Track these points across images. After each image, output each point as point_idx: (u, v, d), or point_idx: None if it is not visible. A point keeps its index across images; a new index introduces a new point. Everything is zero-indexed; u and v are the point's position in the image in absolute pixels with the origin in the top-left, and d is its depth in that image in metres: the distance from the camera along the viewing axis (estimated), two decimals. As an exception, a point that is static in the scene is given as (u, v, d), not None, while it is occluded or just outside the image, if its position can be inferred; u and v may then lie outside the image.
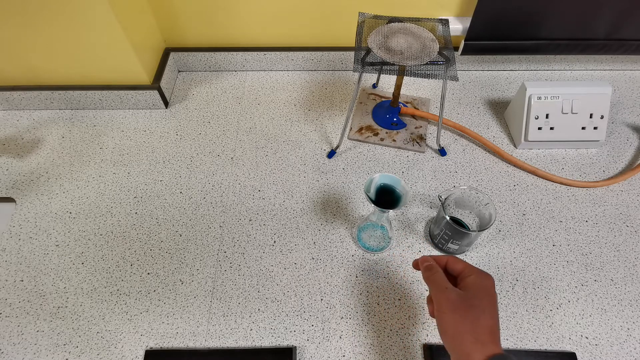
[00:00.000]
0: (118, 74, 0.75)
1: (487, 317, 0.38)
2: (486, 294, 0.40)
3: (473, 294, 0.40)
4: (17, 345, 0.53)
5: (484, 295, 0.40)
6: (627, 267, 0.60)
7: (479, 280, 0.41)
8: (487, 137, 0.74)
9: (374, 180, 0.52)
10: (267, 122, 0.77)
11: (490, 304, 0.40)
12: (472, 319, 0.38)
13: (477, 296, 0.40)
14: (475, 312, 0.39)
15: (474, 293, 0.40)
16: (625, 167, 0.71)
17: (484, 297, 0.40)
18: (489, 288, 0.41)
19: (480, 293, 0.40)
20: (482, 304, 0.39)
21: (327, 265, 0.60)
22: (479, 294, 0.40)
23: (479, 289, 0.40)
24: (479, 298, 0.40)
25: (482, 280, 0.41)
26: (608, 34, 0.76)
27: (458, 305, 0.39)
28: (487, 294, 0.40)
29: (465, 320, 0.38)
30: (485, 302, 0.39)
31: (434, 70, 0.59)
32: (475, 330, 0.38)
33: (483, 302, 0.39)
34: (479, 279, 0.41)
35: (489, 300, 0.40)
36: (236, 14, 0.77)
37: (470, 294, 0.40)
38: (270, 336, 0.54)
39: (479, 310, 0.39)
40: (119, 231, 0.63)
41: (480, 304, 0.39)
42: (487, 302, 0.39)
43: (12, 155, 0.73)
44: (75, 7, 0.64)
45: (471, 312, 0.39)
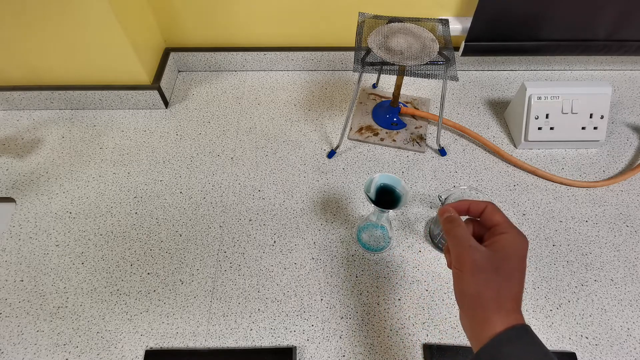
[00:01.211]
0: (118, 74, 0.75)
1: (514, 284, 0.35)
2: (518, 259, 0.36)
3: (504, 256, 0.36)
4: (17, 345, 0.53)
5: (516, 260, 0.36)
6: (627, 267, 0.60)
7: (515, 241, 0.37)
8: (487, 137, 0.74)
9: (374, 180, 0.52)
10: (267, 122, 0.77)
11: (520, 269, 0.36)
12: (498, 284, 0.35)
13: (508, 259, 0.36)
14: (503, 277, 0.35)
15: (505, 255, 0.36)
16: (625, 167, 0.71)
17: (516, 261, 0.36)
18: (522, 251, 0.37)
19: (514, 257, 0.36)
20: (512, 269, 0.35)
21: (327, 265, 0.60)
22: (512, 258, 0.36)
23: (512, 252, 0.36)
24: (511, 262, 0.36)
25: (518, 242, 0.37)
26: (608, 34, 0.76)
27: (484, 267, 0.35)
28: (520, 258, 0.36)
29: (489, 284, 0.35)
30: (515, 268, 0.36)
31: (434, 70, 0.59)
32: (500, 297, 0.34)
33: (513, 267, 0.35)
34: (516, 239, 0.37)
35: (520, 265, 0.36)
36: (236, 14, 0.77)
37: (500, 255, 0.36)
38: (270, 336, 0.54)
39: (507, 275, 0.35)
40: (119, 231, 0.63)
41: (510, 268, 0.35)
42: (517, 268, 0.36)
43: (12, 155, 0.73)
44: (75, 7, 0.64)
45: (498, 277, 0.35)
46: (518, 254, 0.36)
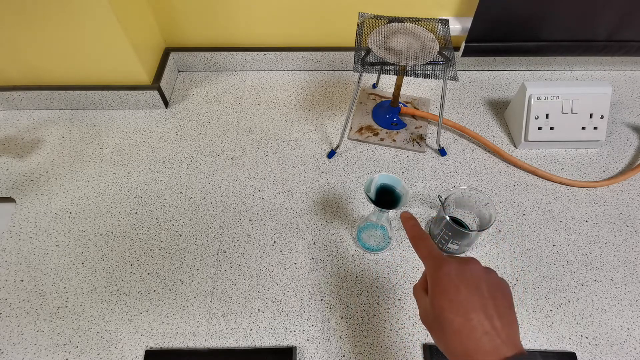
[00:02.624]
0: (118, 74, 0.75)
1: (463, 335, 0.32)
2: (443, 307, 0.33)
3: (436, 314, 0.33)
4: (17, 345, 0.53)
5: (440, 311, 0.33)
6: (627, 267, 0.60)
7: (432, 291, 0.34)
8: (487, 137, 0.74)
9: (374, 180, 0.52)
10: (267, 122, 0.77)
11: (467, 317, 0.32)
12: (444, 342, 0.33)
13: (438, 315, 0.33)
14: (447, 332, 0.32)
15: (434, 310, 0.34)
16: (625, 167, 0.71)
17: (444, 312, 0.33)
18: (440, 299, 0.33)
19: (438, 308, 0.33)
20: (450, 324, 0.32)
21: (327, 265, 0.60)
22: (438, 310, 0.33)
23: (435, 304, 0.34)
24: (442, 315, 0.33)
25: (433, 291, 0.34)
26: (608, 35, 0.76)
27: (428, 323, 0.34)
28: (442, 307, 0.33)
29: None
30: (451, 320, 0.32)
31: (434, 70, 0.59)
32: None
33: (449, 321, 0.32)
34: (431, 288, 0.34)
35: (454, 314, 0.32)
36: (236, 14, 0.77)
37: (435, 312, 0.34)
38: (270, 336, 0.54)
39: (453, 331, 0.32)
40: (119, 231, 0.63)
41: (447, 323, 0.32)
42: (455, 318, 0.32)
43: (12, 155, 0.73)
44: (75, 7, 0.64)
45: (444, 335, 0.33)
46: (438, 304, 0.33)
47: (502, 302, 0.33)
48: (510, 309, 0.34)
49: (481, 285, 0.33)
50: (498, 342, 0.31)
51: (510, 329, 0.32)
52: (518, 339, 0.32)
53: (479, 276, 0.34)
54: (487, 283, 0.34)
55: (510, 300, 0.34)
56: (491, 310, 0.32)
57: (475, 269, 0.34)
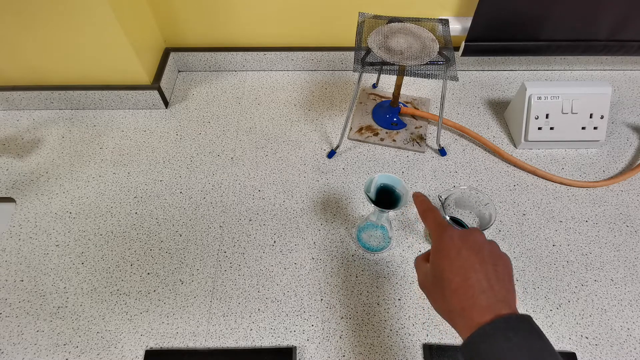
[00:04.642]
0: (118, 74, 0.75)
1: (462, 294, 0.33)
2: (444, 267, 0.35)
3: (436, 274, 0.35)
4: (17, 345, 0.53)
5: (442, 271, 0.35)
6: (627, 267, 0.60)
7: (434, 254, 0.36)
8: (487, 137, 0.74)
9: (374, 180, 0.52)
10: (267, 122, 0.77)
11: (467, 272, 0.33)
12: (441, 300, 0.34)
13: (437, 275, 0.35)
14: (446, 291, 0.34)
15: (434, 271, 0.35)
16: (625, 167, 0.71)
17: (444, 272, 0.34)
18: (443, 260, 0.35)
19: (439, 269, 0.35)
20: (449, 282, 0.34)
21: (327, 265, 0.60)
22: (438, 271, 0.35)
23: (436, 266, 0.35)
24: (443, 276, 0.34)
25: (435, 254, 0.36)
26: (609, 35, 0.76)
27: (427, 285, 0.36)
28: (443, 268, 0.35)
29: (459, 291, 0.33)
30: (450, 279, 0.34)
31: (434, 70, 0.59)
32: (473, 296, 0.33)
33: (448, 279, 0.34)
34: (434, 251, 0.36)
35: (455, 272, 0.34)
36: (236, 14, 0.77)
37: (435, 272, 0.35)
38: (270, 336, 0.54)
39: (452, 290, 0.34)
40: (119, 231, 0.63)
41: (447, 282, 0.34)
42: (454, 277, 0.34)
43: (12, 155, 0.73)
44: (75, 7, 0.64)
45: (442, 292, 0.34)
46: (440, 265, 0.35)
47: (502, 270, 0.34)
48: (509, 278, 0.35)
49: (483, 251, 0.35)
50: (493, 301, 0.32)
51: (507, 293, 0.33)
52: (514, 303, 0.33)
53: (481, 243, 0.35)
54: (489, 250, 0.35)
55: (510, 271, 0.35)
56: (490, 273, 0.33)
57: (478, 235, 0.36)
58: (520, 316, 0.31)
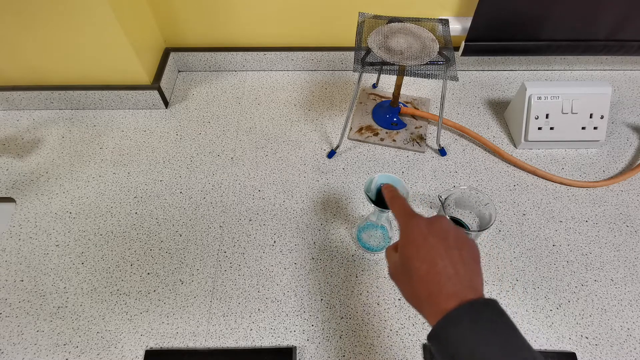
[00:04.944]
0: (118, 74, 0.75)
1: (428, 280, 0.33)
2: (409, 255, 0.35)
3: (403, 261, 0.35)
4: (17, 345, 0.53)
5: (409, 259, 0.35)
6: (627, 267, 0.60)
7: (402, 240, 0.36)
8: (487, 137, 0.74)
9: (374, 180, 0.52)
10: (267, 122, 0.77)
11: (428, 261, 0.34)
12: (411, 286, 0.35)
13: (405, 263, 0.35)
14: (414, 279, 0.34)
15: (402, 258, 0.35)
16: (625, 167, 0.71)
17: (411, 260, 0.34)
18: (409, 247, 0.35)
19: (405, 256, 0.35)
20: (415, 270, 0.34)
21: (327, 265, 0.60)
22: (405, 258, 0.35)
23: (404, 252, 0.35)
24: (409, 263, 0.34)
25: (403, 240, 0.36)
26: (608, 35, 0.76)
27: (397, 274, 0.37)
28: (410, 255, 0.35)
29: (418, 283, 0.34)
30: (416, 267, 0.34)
31: (434, 70, 0.59)
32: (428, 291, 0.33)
33: (414, 267, 0.34)
34: (402, 238, 0.36)
35: (419, 261, 0.34)
36: (236, 14, 0.77)
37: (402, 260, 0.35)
38: (270, 336, 0.54)
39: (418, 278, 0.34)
40: (119, 231, 0.63)
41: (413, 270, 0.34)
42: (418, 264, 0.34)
43: (12, 155, 0.73)
44: (75, 7, 0.64)
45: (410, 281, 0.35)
46: (406, 253, 0.35)
47: (467, 254, 0.34)
48: (475, 262, 0.35)
49: (448, 237, 0.35)
50: (459, 287, 0.32)
51: (473, 276, 0.33)
52: (481, 287, 0.34)
53: (447, 229, 0.36)
54: (455, 236, 0.35)
55: (477, 254, 0.36)
56: (456, 258, 0.34)
57: (444, 222, 0.36)
58: (485, 300, 0.31)
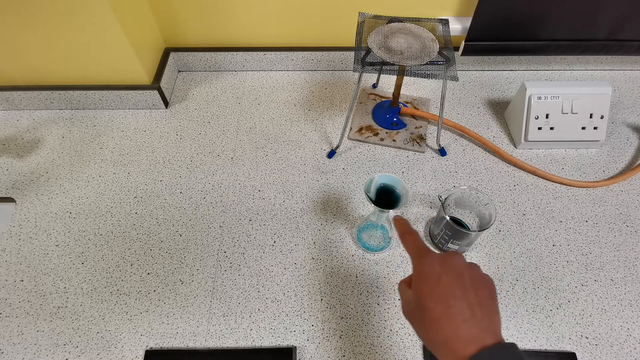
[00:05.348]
0: (118, 74, 0.75)
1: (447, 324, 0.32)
2: (423, 300, 0.33)
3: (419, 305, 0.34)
4: (17, 345, 0.53)
5: (423, 303, 0.33)
6: (627, 267, 0.60)
7: (415, 283, 0.35)
8: (487, 137, 0.74)
9: (374, 180, 0.52)
10: (267, 122, 0.77)
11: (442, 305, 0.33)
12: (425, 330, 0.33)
13: (419, 309, 0.34)
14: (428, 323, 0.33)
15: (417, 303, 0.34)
16: (625, 167, 0.71)
17: (425, 303, 0.33)
18: (423, 287, 0.34)
19: (421, 301, 0.34)
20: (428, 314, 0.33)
21: (327, 265, 0.60)
22: (421, 304, 0.34)
23: (418, 295, 0.34)
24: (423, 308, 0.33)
25: (416, 282, 0.35)
26: (608, 34, 0.76)
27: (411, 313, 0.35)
28: (424, 298, 0.34)
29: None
30: (426, 314, 0.33)
31: (434, 70, 0.59)
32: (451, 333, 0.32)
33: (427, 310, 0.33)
34: (415, 281, 0.35)
35: (433, 304, 0.33)
36: (236, 14, 0.77)
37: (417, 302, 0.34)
38: (270, 336, 0.54)
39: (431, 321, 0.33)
40: (119, 231, 0.63)
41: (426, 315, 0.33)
42: (430, 312, 0.33)
43: (12, 155, 0.73)
44: (75, 7, 0.64)
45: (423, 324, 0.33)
46: (419, 296, 0.34)
47: (483, 293, 0.33)
48: (492, 301, 0.34)
49: (463, 276, 0.34)
50: (476, 331, 0.31)
51: (491, 319, 0.32)
52: (499, 329, 0.32)
53: (461, 267, 0.34)
54: (470, 274, 0.34)
55: (493, 292, 0.34)
56: (472, 299, 0.32)
57: (458, 260, 0.35)
58: (504, 345, 0.30)
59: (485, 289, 0.34)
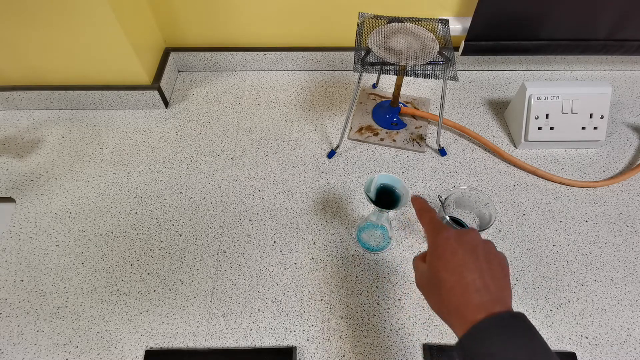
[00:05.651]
0: (118, 74, 0.75)
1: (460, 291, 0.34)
2: (439, 267, 0.35)
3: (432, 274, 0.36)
4: (17, 345, 0.53)
5: (437, 270, 0.35)
6: (627, 267, 0.60)
7: (431, 254, 0.37)
8: (487, 137, 0.74)
9: (374, 180, 0.52)
10: (267, 122, 0.77)
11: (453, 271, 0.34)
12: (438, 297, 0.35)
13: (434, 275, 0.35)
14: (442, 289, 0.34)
15: (431, 270, 0.36)
16: (625, 167, 0.71)
17: (439, 271, 0.35)
18: (440, 259, 0.36)
19: (434, 268, 0.35)
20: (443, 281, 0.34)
21: (327, 265, 0.60)
22: (434, 271, 0.35)
23: (433, 264, 0.36)
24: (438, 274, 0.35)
25: (432, 253, 0.37)
26: (608, 34, 0.76)
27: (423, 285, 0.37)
28: (439, 267, 0.35)
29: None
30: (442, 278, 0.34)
31: (434, 70, 0.59)
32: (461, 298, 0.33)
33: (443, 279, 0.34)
34: (430, 252, 0.37)
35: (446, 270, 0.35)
36: (236, 14, 0.77)
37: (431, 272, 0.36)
38: (270, 336, 0.54)
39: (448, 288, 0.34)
40: (119, 231, 0.63)
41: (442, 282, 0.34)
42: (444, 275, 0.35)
43: (12, 155, 0.73)
44: (75, 7, 0.64)
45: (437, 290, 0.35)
46: (435, 265, 0.35)
47: (497, 269, 0.34)
48: (504, 276, 0.35)
49: (478, 250, 0.35)
50: (487, 299, 0.32)
51: (502, 291, 0.33)
52: (509, 301, 0.33)
53: (477, 242, 0.36)
54: (484, 249, 0.35)
55: (506, 269, 0.36)
56: (485, 272, 0.34)
57: (474, 235, 0.36)
58: (513, 314, 0.31)
59: (498, 265, 0.35)
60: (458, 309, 0.33)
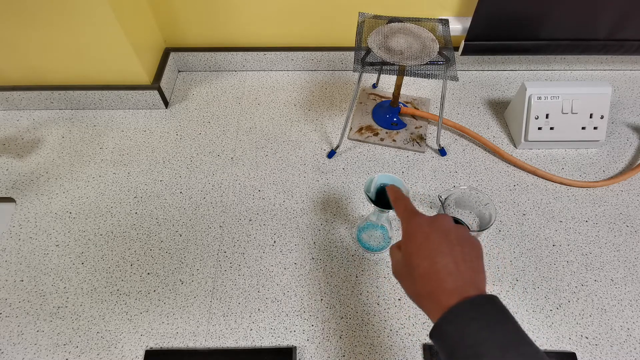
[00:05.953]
0: (118, 74, 0.75)
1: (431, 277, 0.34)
2: (412, 252, 0.35)
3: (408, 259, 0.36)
4: (17, 345, 0.53)
5: (411, 257, 0.35)
6: (627, 267, 0.60)
7: (404, 238, 0.37)
8: (487, 137, 0.74)
9: (374, 180, 0.52)
10: (267, 122, 0.77)
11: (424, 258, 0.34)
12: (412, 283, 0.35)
13: (409, 260, 0.35)
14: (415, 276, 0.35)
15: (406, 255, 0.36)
16: (625, 167, 0.71)
17: (413, 258, 0.35)
18: (411, 243, 0.36)
19: (408, 254, 0.36)
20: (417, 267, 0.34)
21: (327, 265, 0.60)
22: (408, 256, 0.35)
23: (407, 249, 0.36)
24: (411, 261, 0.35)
25: (405, 238, 0.37)
26: (608, 34, 0.76)
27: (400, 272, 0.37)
28: (411, 253, 0.35)
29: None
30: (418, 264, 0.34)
31: (434, 70, 0.59)
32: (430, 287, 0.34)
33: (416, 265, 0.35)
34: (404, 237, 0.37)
35: (418, 258, 0.35)
36: (236, 14, 0.77)
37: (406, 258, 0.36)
38: (270, 336, 0.54)
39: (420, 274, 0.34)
40: (119, 231, 0.63)
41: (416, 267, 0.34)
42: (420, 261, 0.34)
43: (12, 155, 0.73)
44: (75, 7, 0.64)
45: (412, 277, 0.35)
46: (409, 250, 0.35)
47: (469, 251, 0.35)
48: (477, 259, 0.35)
49: (450, 235, 0.35)
50: (460, 283, 0.32)
51: (475, 274, 0.34)
52: (483, 285, 0.34)
53: (449, 227, 0.36)
54: (457, 234, 0.35)
55: (479, 252, 0.36)
56: (458, 255, 0.34)
57: (446, 220, 0.37)
58: (486, 297, 0.32)
59: (471, 248, 0.35)
60: (432, 294, 0.33)
